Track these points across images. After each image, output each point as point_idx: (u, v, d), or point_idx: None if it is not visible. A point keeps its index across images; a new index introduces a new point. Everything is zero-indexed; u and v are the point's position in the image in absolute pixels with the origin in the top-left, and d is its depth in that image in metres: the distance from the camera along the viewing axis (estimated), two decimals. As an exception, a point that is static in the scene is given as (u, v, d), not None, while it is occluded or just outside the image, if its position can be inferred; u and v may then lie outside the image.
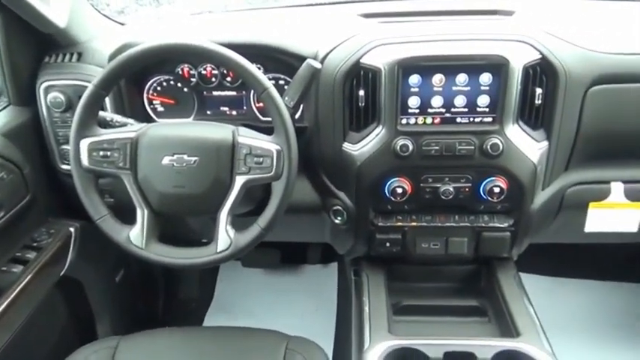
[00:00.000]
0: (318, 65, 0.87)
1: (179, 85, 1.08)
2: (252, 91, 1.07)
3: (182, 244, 0.88)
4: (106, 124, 0.94)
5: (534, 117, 0.94)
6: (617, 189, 1.04)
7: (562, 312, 1.53)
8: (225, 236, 0.84)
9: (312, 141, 1.02)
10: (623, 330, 1.53)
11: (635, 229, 1.07)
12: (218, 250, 0.84)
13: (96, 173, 0.86)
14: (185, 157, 0.83)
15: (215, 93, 1.08)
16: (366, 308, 1.00)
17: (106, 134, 0.86)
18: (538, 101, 0.92)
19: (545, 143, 0.95)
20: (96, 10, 1.19)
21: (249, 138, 0.84)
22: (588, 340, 1.48)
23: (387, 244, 1.05)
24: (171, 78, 1.07)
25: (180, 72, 1.06)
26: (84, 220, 1.09)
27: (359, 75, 0.93)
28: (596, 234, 1.09)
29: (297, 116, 1.02)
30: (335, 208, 1.06)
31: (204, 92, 1.08)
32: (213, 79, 1.06)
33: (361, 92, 0.93)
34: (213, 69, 1.05)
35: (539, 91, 0.91)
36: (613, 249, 1.32)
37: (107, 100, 1.03)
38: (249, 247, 0.86)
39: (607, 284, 1.67)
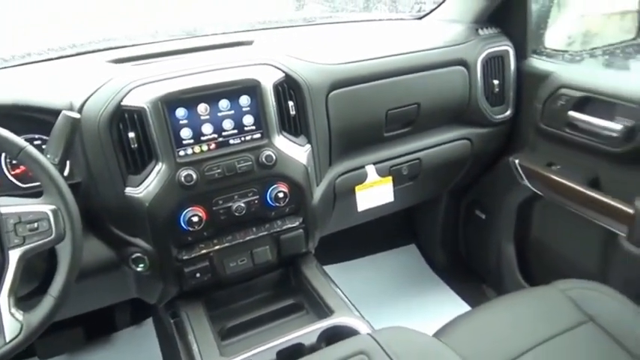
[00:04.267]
0: (76, 115, 0.83)
1: None
2: (2, 158, 0.95)
3: None
4: None
5: (293, 126, 1.07)
6: (370, 170, 1.27)
7: (362, 287, 1.76)
8: (12, 321, 0.73)
9: (90, 195, 0.97)
10: (407, 285, 1.85)
11: (392, 199, 1.31)
12: (7, 340, 0.73)
13: None
14: None
15: None
16: (194, 347, 0.99)
17: None
18: (293, 112, 1.06)
19: (308, 146, 1.09)
20: None
21: (14, 206, 0.75)
22: (387, 303, 1.74)
23: (198, 275, 1.05)
24: None
25: None
26: None
27: (124, 117, 0.93)
28: (367, 211, 1.30)
29: (66, 173, 0.95)
30: (134, 256, 1.01)
31: None
32: None
33: (131, 134, 0.93)
34: None
35: (291, 103, 1.05)
36: (383, 222, 1.59)
37: None
38: (45, 324, 0.76)
39: (387, 253, 1.99)
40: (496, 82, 1.37)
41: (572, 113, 1.23)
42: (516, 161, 1.39)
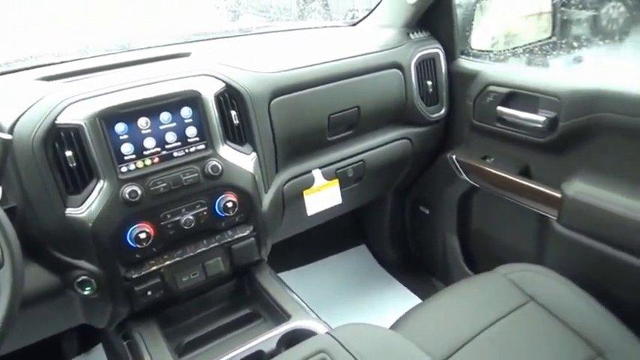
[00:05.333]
0: (7, 136, 0.79)
1: None
2: None
3: None
4: None
5: (237, 135, 1.07)
6: (317, 175, 1.29)
7: (316, 290, 1.77)
8: (-51, 359, 0.69)
9: (27, 219, 0.92)
10: (360, 284, 1.89)
11: (340, 201, 1.34)
12: None
13: None
14: None
15: None
16: None
17: None
18: (236, 121, 1.06)
19: (254, 154, 1.10)
20: None
21: None
22: (342, 303, 1.76)
23: (149, 293, 1.02)
24: None
25: None
26: None
27: (59, 136, 0.89)
28: (317, 215, 1.32)
29: (-1, 198, 0.91)
30: (80, 279, 0.97)
31: None
32: None
33: (68, 153, 0.89)
34: None
35: (234, 113, 1.05)
36: (333, 225, 1.61)
37: None
38: None
39: (338, 255, 2.03)
40: (429, 82, 1.44)
41: (500, 108, 1.31)
42: (454, 157, 1.46)
